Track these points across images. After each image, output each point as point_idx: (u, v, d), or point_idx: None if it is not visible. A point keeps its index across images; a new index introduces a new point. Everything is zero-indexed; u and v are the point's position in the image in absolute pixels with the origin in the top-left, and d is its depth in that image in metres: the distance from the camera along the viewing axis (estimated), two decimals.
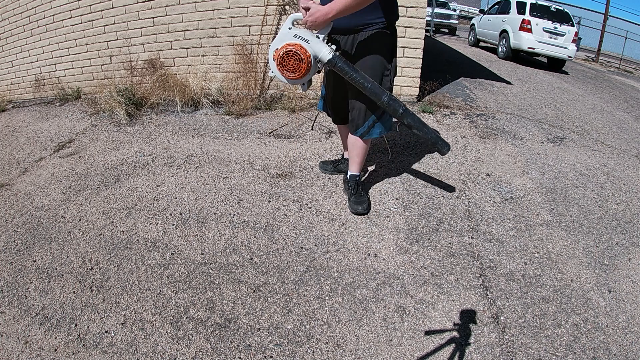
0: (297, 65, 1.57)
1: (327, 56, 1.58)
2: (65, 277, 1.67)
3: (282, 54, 1.56)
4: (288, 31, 1.59)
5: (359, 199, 2.00)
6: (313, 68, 1.61)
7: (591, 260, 1.79)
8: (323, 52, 1.58)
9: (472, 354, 1.32)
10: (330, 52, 1.58)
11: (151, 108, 3.44)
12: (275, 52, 1.59)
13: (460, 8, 19.09)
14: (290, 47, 1.55)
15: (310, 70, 1.60)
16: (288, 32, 1.59)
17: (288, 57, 1.56)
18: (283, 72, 1.61)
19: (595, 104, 4.63)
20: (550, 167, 2.59)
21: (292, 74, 1.59)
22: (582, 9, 17.06)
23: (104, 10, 3.68)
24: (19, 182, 2.50)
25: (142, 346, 1.36)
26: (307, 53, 1.56)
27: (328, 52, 1.58)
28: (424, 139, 1.75)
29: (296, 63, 1.56)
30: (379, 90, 1.63)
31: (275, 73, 1.65)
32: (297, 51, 1.55)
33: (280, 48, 1.57)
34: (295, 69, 1.58)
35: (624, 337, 1.41)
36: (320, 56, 1.58)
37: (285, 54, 1.56)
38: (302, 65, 1.56)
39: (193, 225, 1.95)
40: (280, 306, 1.50)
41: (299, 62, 1.56)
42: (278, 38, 1.60)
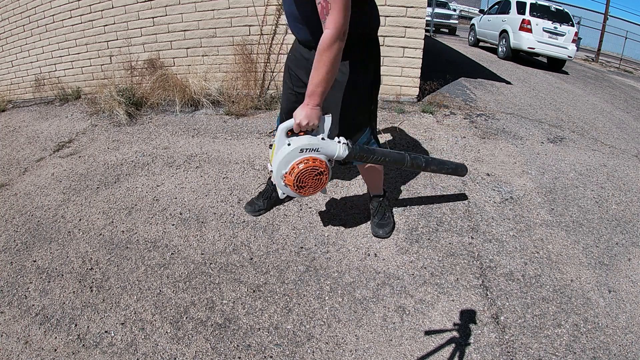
0: (318, 180, 1.38)
1: (344, 153, 1.40)
2: (65, 277, 1.67)
3: (298, 177, 1.35)
4: (290, 149, 1.35)
5: (382, 221, 1.86)
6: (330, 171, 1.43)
7: (591, 260, 1.79)
8: (337, 151, 1.40)
9: (472, 354, 1.32)
10: (345, 147, 1.40)
11: (151, 108, 3.44)
12: (285, 178, 1.38)
13: (460, 8, 19.10)
14: (302, 165, 1.34)
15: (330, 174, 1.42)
16: (291, 150, 1.35)
17: (305, 177, 1.36)
18: (303, 192, 1.41)
19: (595, 104, 4.63)
20: (550, 167, 2.59)
21: (315, 190, 1.41)
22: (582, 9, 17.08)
23: (104, 10, 3.68)
24: (19, 182, 2.50)
25: (142, 346, 1.36)
26: (322, 163, 1.37)
27: (343, 149, 1.40)
28: (446, 173, 1.82)
29: (316, 178, 1.38)
30: (399, 155, 1.55)
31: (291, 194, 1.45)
32: (314, 167, 1.35)
33: (289, 170, 1.36)
34: (317, 184, 1.39)
35: (624, 337, 1.41)
36: (337, 156, 1.40)
37: (302, 175, 1.35)
38: (323, 177, 1.39)
39: (193, 225, 1.95)
40: (280, 306, 1.50)
41: (320, 176, 1.38)
42: (280, 159, 1.36)
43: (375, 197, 1.89)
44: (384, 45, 3.18)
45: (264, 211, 2.01)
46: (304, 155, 1.36)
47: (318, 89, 1.28)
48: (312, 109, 1.31)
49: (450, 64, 6.02)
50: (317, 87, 1.28)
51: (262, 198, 2.01)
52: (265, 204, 2.00)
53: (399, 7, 3.08)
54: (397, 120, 3.08)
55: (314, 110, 1.31)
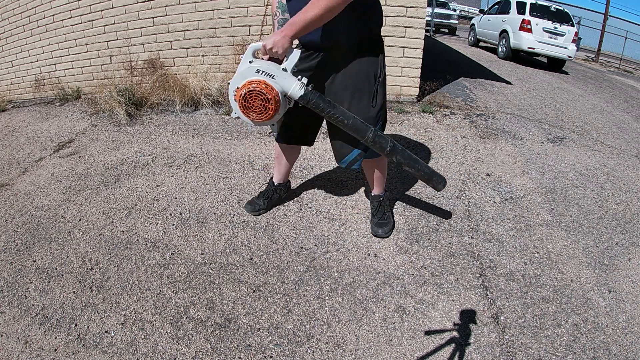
0: (263, 106, 1.35)
1: (299, 92, 1.37)
2: (65, 277, 1.67)
3: (245, 94, 1.35)
4: (249, 66, 1.36)
5: (381, 221, 1.86)
6: (282, 106, 1.39)
7: (591, 260, 1.79)
8: (293, 88, 1.37)
9: (472, 354, 1.32)
10: (302, 86, 1.37)
11: (151, 108, 3.44)
12: (236, 92, 1.38)
13: (460, 8, 19.10)
14: (253, 85, 1.34)
15: (279, 109, 1.38)
16: (249, 66, 1.36)
17: (251, 97, 1.35)
18: (248, 114, 1.39)
19: (595, 104, 4.63)
20: (550, 167, 2.59)
21: (259, 116, 1.38)
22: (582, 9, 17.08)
23: (104, 10, 3.68)
24: (19, 182, 2.50)
25: (142, 346, 1.36)
26: (273, 91, 1.34)
27: (299, 87, 1.37)
28: (417, 175, 1.60)
29: (262, 103, 1.35)
30: (362, 125, 1.44)
31: (239, 115, 1.43)
32: (261, 90, 1.33)
33: (241, 87, 1.36)
34: (262, 110, 1.36)
35: (624, 337, 1.41)
36: (290, 92, 1.37)
37: (248, 94, 1.34)
38: (269, 105, 1.35)
39: (193, 225, 1.95)
40: (280, 306, 1.50)
41: (265, 102, 1.35)
42: (238, 74, 1.38)
43: (376, 197, 1.89)
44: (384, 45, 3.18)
45: (263, 211, 2.01)
46: (258, 77, 1.35)
47: (299, 24, 1.27)
48: (283, 37, 1.28)
49: (450, 64, 6.02)
50: (298, 22, 1.27)
51: (263, 198, 2.00)
52: (265, 203, 1.99)
53: (399, 7, 3.08)
54: (397, 120, 3.08)
55: (284, 39, 1.28)
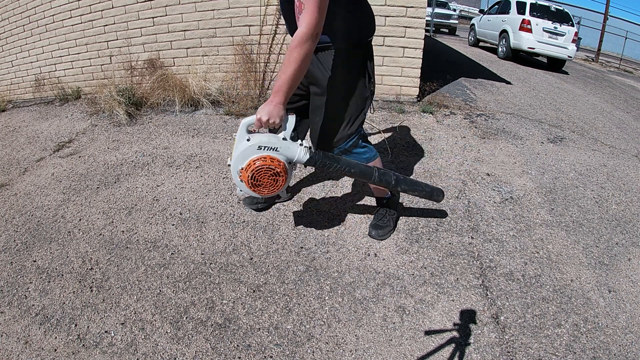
0: (274, 180, 1.35)
1: (304, 157, 1.37)
2: (65, 277, 1.67)
3: (253, 174, 1.33)
4: (249, 144, 1.34)
5: (378, 222, 1.85)
6: (289, 174, 1.39)
7: (591, 260, 1.79)
8: (298, 154, 1.37)
9: (472, 354, 1.32)
10: (306, 151, 1.38)
11: (151, 108, 3.44)
12: (241, 173, 1.36)
13: (460, 8, 19.09)
14: (258, 162, 1.32)
15: (288, 178, 1.39)
16: (249, 145, 1.34)
17: (260, 175, 1.33)
18: (259, 191, 1.38)
19: (595, 104, 4.63)
20: (550, 167, 2.59)
21: (270, 190, 1.38)
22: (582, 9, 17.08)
23: (104, 10, 3.68)
24: (19, 182, 2.50)
25: (142, 346, 1.36)
26: (280, 163, 1.33)
27: (304, 152, 1.37)
28: (419, 196, 1.69)
29: (272, 178, 1.34)
30: (367, 169, 1.49)
31: (246, 192, 1.42)
32: (269, 166, 1.32)
33: (246, 167, 1.34)
34: (273, 184, 1.36)
35: (624, 337, 1.41)
36: (296, 159, 1.38)
37: (257, 172, 1.33)
38: (280, 178, 1.35)
39: (193, 225, 1.95)
40: (280, 306, 1.50)
41: (275, 177, 1.34)
42: (238, 154, 1.35)
43: (378, 200, 1.88)
44: (384, 45, 3.18)
45: (262, 205, 2.01)
46: (262, 153, 1.33)
47: (284, 86, 1.26)
48: (275, 106, 1.28)
49: (450, 64, 6.02)
50: (283, 85, 1.26)
51: None
52: (263, 199, 2.00)
53: (399, 7, 3.08)
54: (397, 120, 3.08)
55: (277, 108, 1.28)
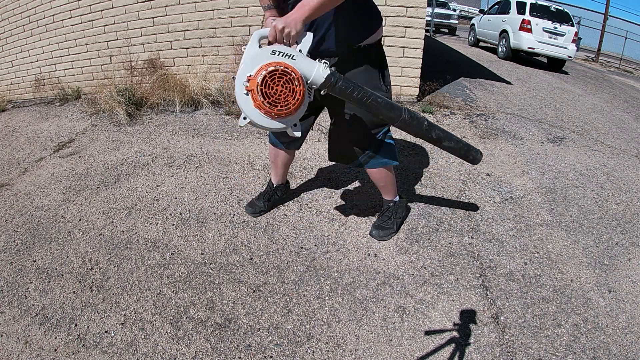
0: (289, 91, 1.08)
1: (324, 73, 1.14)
2: (65, 277, 1.67)
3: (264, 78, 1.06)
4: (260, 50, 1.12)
5: (382, 224, 1.83)
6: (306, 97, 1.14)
7: (591, 260, 1.79)
8: (316, 69, 1.14)
9: (472, 354, 1.32)
10: (326, 66, 1.15)
11: (151, 108, 3.44)
12: (249, 81, 1.09)
13: (460, 8, 19.09)
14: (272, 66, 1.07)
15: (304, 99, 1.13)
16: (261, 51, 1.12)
17: (272, 80, 1.07)
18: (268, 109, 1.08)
19: (595, 104, 4.63)
20: (550, 167, 2.59)
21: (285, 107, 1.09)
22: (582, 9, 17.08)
23: (104, 10, 3.68)
24: (19, 182, 2.50)
25: (142, 346, 1.36)
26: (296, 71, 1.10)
27: (323, 67, 1.14)
28: (455, 149, 1.43)
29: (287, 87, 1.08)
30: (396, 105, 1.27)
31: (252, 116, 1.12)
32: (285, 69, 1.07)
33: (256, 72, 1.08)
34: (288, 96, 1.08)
35: (624, 337, 1.41)
36: (314, 75, 1.14)
37: (269, 76, 1.06)
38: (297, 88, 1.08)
39: (193, 225, 1.95)
40: (280, 306, 1.50)
41: (291, 85, 1.08)
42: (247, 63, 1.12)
43: (386, 202, 1.85)
44: (384, 45, 3.18)
45: (264, 212, 2.00)
46: (276, 58, 1.09)
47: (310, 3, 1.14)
48: (295, 19, 1.13)
49: (450, 64, 6.02)
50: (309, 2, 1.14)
51: (263, 199, 1.99)
52: (265, 205, 1.99)
53: (399, 7, 3.08)
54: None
55: (294, 21, 1.13)
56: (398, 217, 1.86)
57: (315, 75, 1.14)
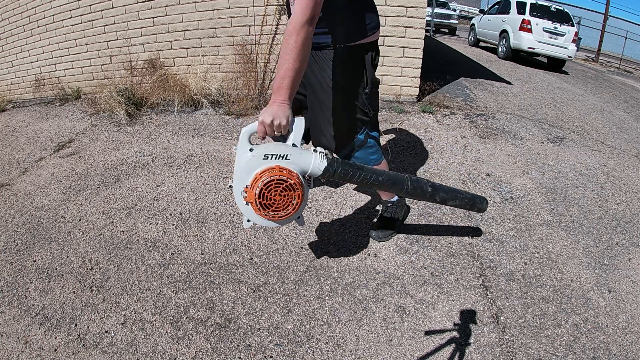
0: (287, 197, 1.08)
1: (322, 164, 1.13)
2: (65, 277, 1.67)
3: (261, 190, 1.07)
4: (252, 155, 1.10)
5: (381, 224, 1.83)
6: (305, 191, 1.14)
7: (591, 260, 1.79)
8: (313, 162, 1.13)
9: (472, 354, 1.32)
10: (322, 157, 1.14)
11: (151, 108, 3.44)
12: (246, 192, 1.09)
13: (460, 8, 19.11)
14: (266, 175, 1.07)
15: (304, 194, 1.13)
16: (253, 155, 1.10)
17: (269, 191, 1.07)
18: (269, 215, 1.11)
19: (595, 104, 4.63)
20: (550, 167, 2.59)
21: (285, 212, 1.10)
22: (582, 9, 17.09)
23: (104, 10, 3.68)
24: (19, 182, 2.50)
25: (142, 346, 1.36)
26: (293, 174, 1.09)
27: (319, 159, 1.13)
28: (461, 206, 1.46)
29: (284, 194, 1.08)
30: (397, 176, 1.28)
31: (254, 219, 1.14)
32: (280, 177, 1.06)
33: (252, 182, 1.08)
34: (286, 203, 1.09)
35: (624, 337, 1.41)
36: (312, 169, 1.13)
37: (265, 188, 1.07)
38: (294, 193, 1.09)
39: (193, 225, 1.95)
40: (280, 306, 1.50)
41: (288, 191, 1.08)
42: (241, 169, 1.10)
43: (384, 202, 1.82)
44: (384, 45, 3.18)
45: None
46: (270, 163, 1.09)
47: (285, 81, 1.09)
48: (279, 105, 1.10)
49: (450, 64, 6.02)
50: (283, 80, 1.09)
51: None
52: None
53: (399, 7, 3.08)
54: (397, 120, 3.08)
55: (281, 107, 1.10)
56: (397, 217, 1.84)
57: (313, 168, 1.14)
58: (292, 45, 1.08)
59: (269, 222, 1.15)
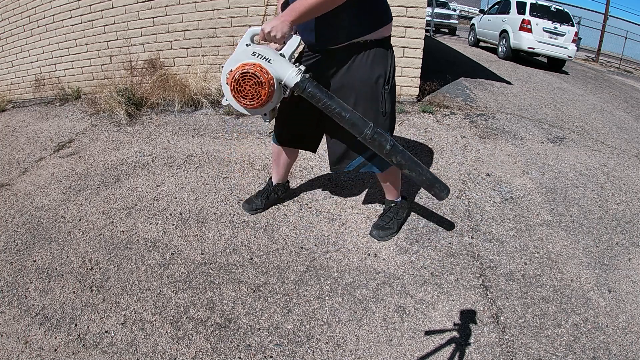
0: (255, 91, 1.28)
1: (294, 79, 1.30)
2: (65, 277, 1.67)
3: (237, 77, 1.28)
4: (245, 48, 1.31)
5: (382, 224, 1.83)
6: (277, 94, 1.32)
7: (591, 260, 1.79)
8: (289, 74, 1.30)
9: (472, 354, 1.32)
10: (298, 73, 1.30)
11: (151, 108, 3.44)
12: (229, 75, 1.31)
13: (460, 8, 19.10)
14: (247, 67, 1.27)
15: (273, 96, 1.30)
16: (245, 49, 1.31)
17: (244, 80, 1.27)
18: (239, 100, 1.32)
19: (595, 104, 4.63)
20: (550, 167, 2.59)
21: (250, 102, 1.30)
22: (582, 9, 17.07)
23: (104, 10, 3.68)
24: (19, 182, 2.50)
25: (142, 346, 1.36)
26: (268, 75, 1.27)
27: (295, 73, 1.30)
28: (417, 180, 1.48)
29: (254, 88, 1.28)
30: (360, 121, 1.36)
31: (230, 101, 1.36)
32: (255, 72, 1.25)
33: (235, 69, 1.29)
34: (254, 95, 1.29)
35: (624, 337, 1.41)
36: (286, 79, 1.30)
37: (241, 77, 1.27)
38: (262, 90, 1.27)
39: (193, 225, 1.95)
40: (280, 306, 1.50)
41: (258, 87, 1.27)
42: (233, 57, 1.32)
43: (387, 202, 1.86)
44: None
45: (261, 210, 2.00)
46: (254, 60, 1.29)
47: (300, 8, 1.22)
48: (283, 22, 1.24)
49: (450, 64, 6.02)
50: (300, 6, 1.22)
51: (261, 197, 1.99)
52: (263, 203, 1.99)
53: (399, 7, 3.08)
54: (397, 120, 3.08)
55: (283, 24, 1.24)
56: (399, 217, 1.86)
57: (287, 78, 1.31)
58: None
59: (238, 106, 1.36)
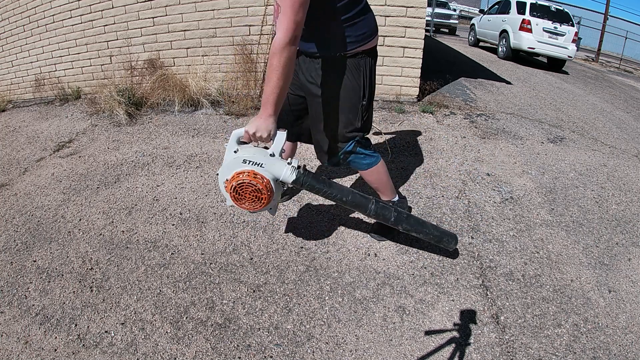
0: (256, 197, 1.32)
1: (290, 177, 1.34)
2: (65, 277, 1.67)
3: (235, 187, 1.31)
4: (235, 156, 1.33)
5: (380, 224, 1.81)
6: (277, 191, 1.37)
7: (591, 260, 1.79)
8: (284, 173, 1.34)
9: (472, 354, 1.32)
10: (293, 171, 1.34)
11: (151, 108, 3.44)
12: (226, 184, 1.34)
13: (460, 8, 19.11)
14: (242, 177, 1.29)
15: (274, 195, 1.35)
16: (235, 157, 1.33)
17: (242, 189, 1.31)
18: (242, 205, 1.36)
19: (595, 104, 4.63)
20: (550, 167, 2.59)
21: (253, 205, 1.35)
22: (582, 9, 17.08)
23: (104, 10, 3.68)
24: (19, 182, 2.50)
25: (142, 346, 1.36)
26: (264, 180, 1.31)
27: (290, 171, 1.34)
28: (426, 239, 1.55)
29: (253, 194, 1.31)
30: (362, 200, 1.42)
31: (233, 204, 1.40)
32: (251, 181, 1.29)
33: (230, 179, 1.32)
34: (255, 200, 1.33)
35: (624, 337, 1.41)
36: (282, 178, 1.35)
37: (239, 187, 1.31)
38: (262, 195, 1.31)
39: (193, 225, 1.95)
40: (280, 306, 1.50)
41: (257, 193, 1.31)
42: (225, 165, 1.34)
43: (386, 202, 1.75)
44: (384, 45, 3.18)
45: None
46: (246, 167, 1.31)
47: (270, 97, 1.22)
48: (265, 119, 1.24)
49: (450, 64, 6.02)
50: (269, 96, 1.22)
51: None
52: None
53: (399, 7, 3.08)
54: (397, 120, 3.08)
55: (266, 121, 1.25)
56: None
57: (283, 177, 1.35)
58: (276, 64, 1.18)
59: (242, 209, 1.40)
